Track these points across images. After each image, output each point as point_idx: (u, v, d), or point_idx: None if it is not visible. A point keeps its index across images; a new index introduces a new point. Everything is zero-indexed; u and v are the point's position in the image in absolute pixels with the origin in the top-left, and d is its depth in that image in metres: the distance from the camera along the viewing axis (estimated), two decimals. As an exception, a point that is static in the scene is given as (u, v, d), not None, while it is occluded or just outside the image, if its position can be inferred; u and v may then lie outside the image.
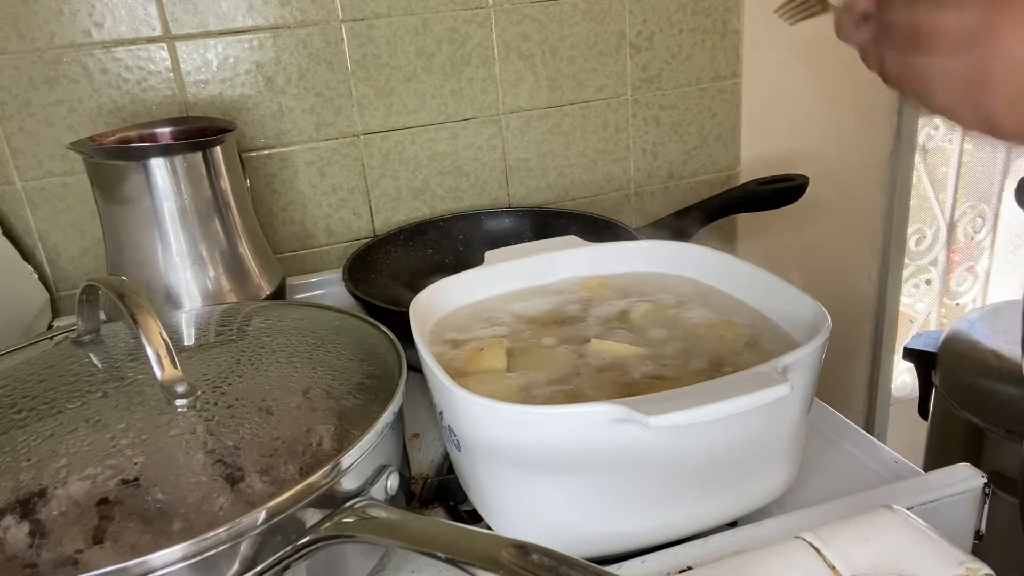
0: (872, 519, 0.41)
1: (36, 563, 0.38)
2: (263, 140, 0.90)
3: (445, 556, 0.37)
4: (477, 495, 0.50)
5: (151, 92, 0.85)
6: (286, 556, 0.40)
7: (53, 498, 0.41)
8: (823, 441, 0.58)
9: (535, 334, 0.56)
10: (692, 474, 0.45)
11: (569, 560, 0.34)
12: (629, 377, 0.50)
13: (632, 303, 0.60)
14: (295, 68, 0.88)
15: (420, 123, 0.94)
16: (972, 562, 0.37)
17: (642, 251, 0.65)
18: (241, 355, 0.55)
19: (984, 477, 0.49)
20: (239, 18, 0.85)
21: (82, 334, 0.57)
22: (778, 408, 0.45)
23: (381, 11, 0.89)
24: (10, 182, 0.83)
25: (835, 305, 0.52)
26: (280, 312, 0.64)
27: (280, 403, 0.49)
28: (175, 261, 0.71)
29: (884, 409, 1.34)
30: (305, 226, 0.94)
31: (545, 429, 0.43)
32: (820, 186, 0.91)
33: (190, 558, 0.37)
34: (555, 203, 1.03)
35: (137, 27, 0.82)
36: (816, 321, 0.49)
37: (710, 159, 1.09)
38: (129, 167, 0.69)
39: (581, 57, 0.98)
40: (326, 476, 0.42)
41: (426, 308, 0.57)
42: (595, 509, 0.45)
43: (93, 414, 0.47)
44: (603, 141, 1.02)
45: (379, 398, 0.49)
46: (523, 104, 0.98)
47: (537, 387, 0.50)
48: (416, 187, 0.97)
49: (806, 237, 1.17)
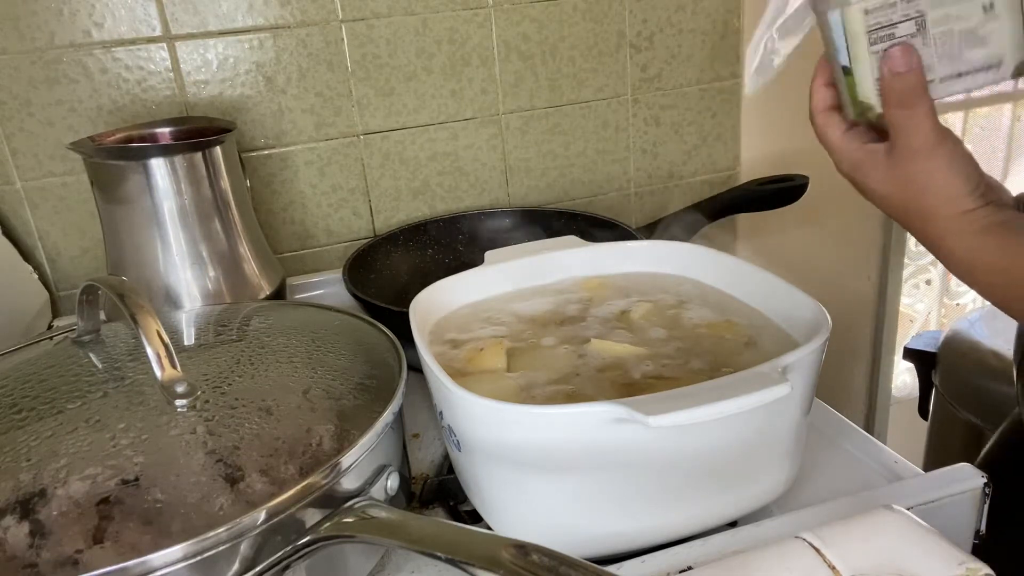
0: (872, 519, 0.41)
1: (36, 563, 0.38)
2: (263, 140, 0.90)
3: (445, 556, 0.37)
4: (477, 495, 0.50)
5: (151, 92, 0.85)
6: (286, 556, 0.40)
7: (53, 498, 0.41)
8: (823, 441, 0.58)
9: (535, 334, 0.56)
10: (692, 474, 0.45)
11: (569, 560, 0.34)
12: (629, 377, 0.50)
13: (632, 303, 0.60)
14: (295, 68, 0.88)
15: (420, 123, 0.94)
16: (972, 562, 0.37)
17: (642, 251, 0.65)
18: (241, 355, 0.55)
19: (984, 477, 0.49)
20: (239, 18, 0.85)
21: (82, 334, 0.57)
22: (778, 408, 0.45)
23: (381, 11, 0.89)
24: (10, 182, 0.83)
25: (835, 305, 0.52)
26: (280, 312, 0.64)
27: (280, 403, 0.49)
28: (175, 261, 0.71)
29: (884, 409, 1.34)
30: (305, 226, 0.94)
31: (545, 429, 0.43)
32: (820, 186, 0.91)
33: (190, 558, 0.37)
34: (555, 203, 1.03)
35: (137, 27, 0.82)
36: (816, 321, 0.49)
37: (710, 159, 1.09)
38: (129, 167, 0.69)
39: (581, 57, 0.98)
40: (326, 476, 0.42)
41: (426, 308, 0.57)
42: (595, 509, 0.45)
43: (93, 414, 0.47)
44: (603, 141, 1.02)
45: (379, 398, 0.49)
46: (523, 104, 0.98)
47: (537, 387, 0.50)
48: (416, 187, 0.97)
49: (806, 237, 1.17)
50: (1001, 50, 0.44)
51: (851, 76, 0.46)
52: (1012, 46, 0.44)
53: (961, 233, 0.46)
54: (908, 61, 0.44)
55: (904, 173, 0.46)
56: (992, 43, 0.44)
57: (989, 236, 0.45)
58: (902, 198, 0.47)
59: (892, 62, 0.44)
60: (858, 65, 0.45)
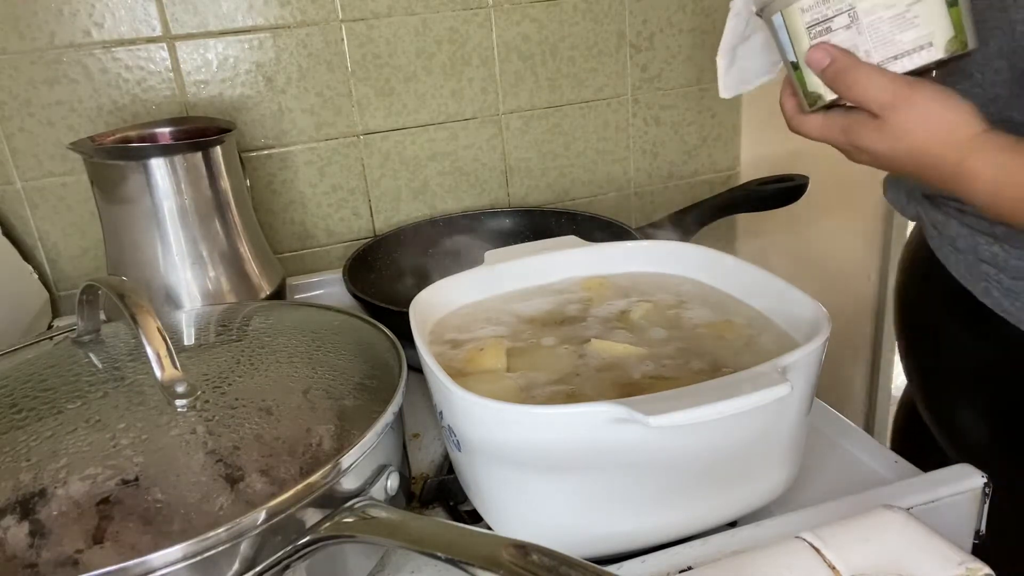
0: (872, 519, 0.41)
1: (36, 563, 0.38)
2: (263, 140, 0.90)
3: (445, 556, 0.37)
4: (477, 495, 0.50)
5: (151, 92, 0.85)
6: (286, 556, 0.40)
7: (53, 498, 0.41)
8: (823, 441, 0.58)
9: (535, 334, 0.56)
10: (692, 474, 0.45)
11: (569, 560, 0.34)
12: (629, 377, 0.50)
13: (632, 303, 0.60)
14: (295, 68, 0.88)
15: (420, 123, 0.94)
16: (972, 562, 0.37)
17: (642, 251, 0.65)
18: (241, 355, 0.55)
19: (984, 477, 0.49)
20: (239, 18, 0.85)
21: (82, 334, 0.57)
22: (778, 408, 0.45)
23: (381, 11, 0.89)
24: (10, 182, 0.83)
25: (835, 305, 0.52)
26: (280, 312, 0.64)
27: (280, 403, 0.49)
28: (175, 261, 0.71)
29: (884, 409, 1.34)
30: (305, 226, 0.94)
31: (545, 429, 0.43)
32: (820, 186, 0.91)
33: (190, 558, 0.37)
34: (555, 203, 1.03)
35: (137, 27, 0.82)
36: (816, 321, 0.49)
37: (710, 159, 1.09)
38: (129, 167, 0.69)
39: (581, 57, 0.98)
40: (326, 476, 0.42)
41: (426, 308, 0.57)
42: (595, 509, 0.45)
43: (93, 414, 0.47)
44: (603, 141, 1.03)
45: (379, 398, 0.49)
46: (523, 104, 0.98)
47: (537, 387, 0.50)
48: (416, 187, 0.97)
49: (806, 237, 1.17)
50: (930, 29, 0.47)
51: (799, 71, 0.51)
52: (940, 26, 0.47)
53: (984, 150, 0.46)
54: (823, 56, 0.49)
55: (896, 129, 0.47)
56: (921, 24, 0.47)
57: (1017, 153, 0.45)
58: (907, 148, 0.48)
59: (812, 64, 0.49)
60: (803, 60, 0.50)
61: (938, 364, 0.68)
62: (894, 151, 0.48)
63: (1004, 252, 0.56)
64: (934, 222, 0.63)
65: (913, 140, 0.47)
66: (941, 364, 0.67)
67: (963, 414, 0.65)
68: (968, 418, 0.65)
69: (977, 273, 0.58)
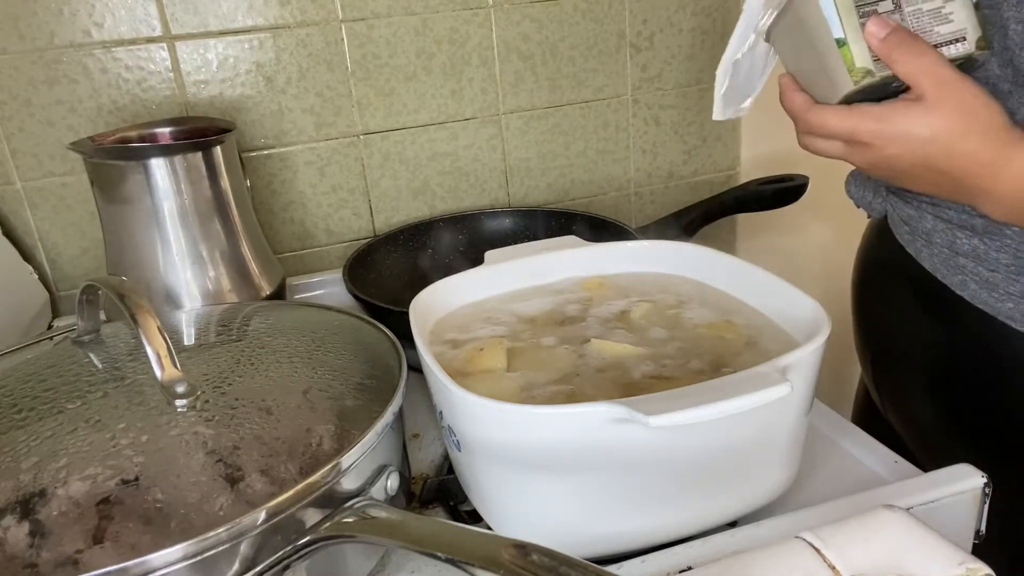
0: (872, 519, 0.41)
1: (36, 563, 0.38)
2: (263, 140, 0.90)
3: (445, 556, 0.37)
4: (477, 495, 0.50)
5: (151, 92, 0.85)
6: (286, 556, 0.40)
7: (53, 498, 0.41)
8: (823, 441, 0.58)
9: (535, 334, 0.56)
10: (692, 474, 0.45)
11: (569, 560, 0.34)
12: (629, 377, 0.50)
13: (632, 303, 0.60)
14: (295, 68, 0.88)
15: (420, 123, 0.94)
16: (972, 562, 0.37)
17: (642, 251, 0.65)
18: (241, 355, 0.55)
19: (984, 477, 0.49)
20: (239, 18, 0.85)
21: (82, 334, 0.57)
22: (778, 408, 0.45)
23: (381, 11, 0.89)
24: (10, 182, 0.83)
25: (835, 305, 0.52)
26: (280, 312, 0.64)
27: (280, 403, 0.49)
28: (175, 261, 0.71)
29: (884, 409, 1.34)
30: (305, 226, 0.94)
31: (545, 429, 0.43)
32: (820, 186, 0.91)
33: (190, 558, 0.37)
34: (555, 203, 1.03)
35: (137, 27, 0.82)
36: (816, 321, 0.49)
37: (710, 159, 1.09)
38: (129, 167, 0.69)
39: (581, 57, 0.98)
40: (326, 476, 0.42)
41: (426, 308, 0.57)
42: (595, 509, 0.45)
43: (93, 414, 0.47)
44: (603, 141, 1.02)
45: (379, 398, 0.49)
46: (523, 104, 0.98)
47: (537, 387, 0.50)
48: (416, 187, 0.97)
49: (806, 237, 1.17)
50: (963, 26, 0.50)
51: (846, 47, 0.50)
52: (971, 24, 0.49)
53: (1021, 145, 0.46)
54: (883, 26, 0.49)
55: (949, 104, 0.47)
56: (955, 20, 0.50)
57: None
58: (950, 128, 0.47)
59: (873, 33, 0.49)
60: (852, 34, 0.50)
61: (893, 347, 0.68)
62: (936, 133, 0.47)
63: (984, 245, 0.56)
64: (905, 218, 0.63)
65: (955, 125, 0.47)
66: (896, 348, 0.68)
67: (916, 399, 0.66)
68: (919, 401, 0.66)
69: (954, 267, 0.58)
